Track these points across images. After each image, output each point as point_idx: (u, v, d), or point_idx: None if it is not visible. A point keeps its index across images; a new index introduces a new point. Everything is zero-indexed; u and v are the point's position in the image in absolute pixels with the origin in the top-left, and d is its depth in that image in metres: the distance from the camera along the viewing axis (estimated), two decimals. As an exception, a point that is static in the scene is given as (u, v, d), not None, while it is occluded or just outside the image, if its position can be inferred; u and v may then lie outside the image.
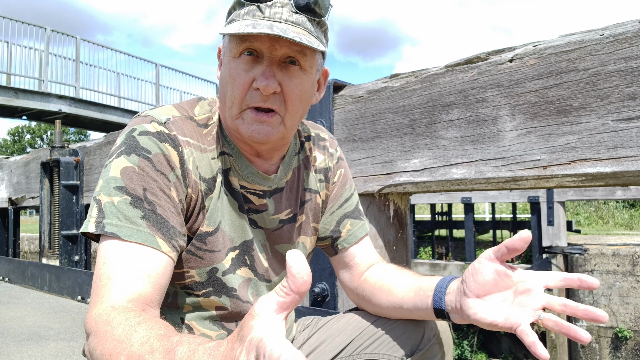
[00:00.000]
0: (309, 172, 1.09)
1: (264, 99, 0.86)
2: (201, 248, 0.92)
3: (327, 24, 0.91)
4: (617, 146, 1.41)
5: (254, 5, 0.85)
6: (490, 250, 0.82)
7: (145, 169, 0.84)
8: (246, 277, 0.99)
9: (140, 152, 0.85)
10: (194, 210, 0.91)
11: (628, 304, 9.07)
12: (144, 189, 0.83)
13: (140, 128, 0.87)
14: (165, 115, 0.91)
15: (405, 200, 2.20)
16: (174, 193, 0.86)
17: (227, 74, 0.89)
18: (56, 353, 2.27)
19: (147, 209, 0.82)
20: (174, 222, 0.85)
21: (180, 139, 0.89)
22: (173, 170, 0.87)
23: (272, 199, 1.01)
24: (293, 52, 0.85)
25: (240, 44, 0.86)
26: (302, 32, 0.84)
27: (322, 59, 0.95)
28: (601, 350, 9.28)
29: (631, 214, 17.90)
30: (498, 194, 10.92)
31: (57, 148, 4.19)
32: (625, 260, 9.12)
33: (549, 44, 1.54)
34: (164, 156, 0.86)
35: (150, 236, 0.80)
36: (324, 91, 1.01)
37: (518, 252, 0.76)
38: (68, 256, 4.00)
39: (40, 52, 12.16)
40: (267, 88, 0.84)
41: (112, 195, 0.82)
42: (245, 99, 0.87)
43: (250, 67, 0.86)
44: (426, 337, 0.97)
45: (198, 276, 0.93)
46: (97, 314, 0.73)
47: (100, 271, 0.79)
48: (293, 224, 1.06)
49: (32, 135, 41.11)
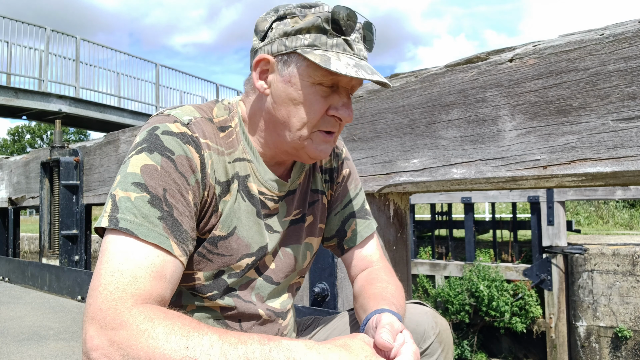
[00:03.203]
0: (316, 173, 1.10)
1: (334, 125, 0.95)
2: (212, 251, 0.92)
3: None
4: (617, 146, 1.41)
5: (342, 39, 0.89)
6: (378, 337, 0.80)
7: (167, 170, 0.83)
8: (251, 278, 1.00)
9: (164, 152, 0.84)
10: (207, 212, 0.91)
11: (628, 304, 9.07)
12: (165, 190, 0.82)
13: (163, 127, 0.87)
14: (188, 116, 0.91)
15: (405, 200, 2.20)
16: (190, 197, 0.85)
17: (299, 97, 0.91)
18: (56, 353, 2.27)
19: (165, 210, 0.81)
20: (187, 226, 0.84)
21: (202, 141, 0.89)
22: (194, 173, 0.87)
23: (284, 202, 1.02)
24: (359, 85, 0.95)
25: (327, 76, 0.89)
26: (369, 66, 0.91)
27: None
28: (601, 350, 9.28)
29: (631, 214, 17.90)
30: (498, 193, 10.92)
31: (57, 148, 4.19)
32: (625, 260, 9.13)
33: (549, 44, 1.54)
34: (187, 159, 0.86)
35: (165, 239, 0.80)
36: None
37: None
38: (68, 256, 4.01)
39: (40, 52, 12.16)
40: (348, 118, 0.94)
41: (129, 190, 0.80)
42: (318, 124, 0.93)
43: (327, 93, 0.92)
44: (426, 336, 0.97)
45: (205, 279, 0.94)
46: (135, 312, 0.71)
47: (118, 267, 0.75)
48: (301, 224, 1.06)
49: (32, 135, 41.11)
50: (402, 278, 2.15)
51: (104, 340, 0.69)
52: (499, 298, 10.37)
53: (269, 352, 0.69)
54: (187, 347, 0.67)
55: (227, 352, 0.68)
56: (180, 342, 0.67)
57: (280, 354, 0.69)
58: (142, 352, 0.67)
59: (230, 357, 0.67)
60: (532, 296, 10.47)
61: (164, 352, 0.66)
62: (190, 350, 0.67)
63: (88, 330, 0.71)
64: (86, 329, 0.71)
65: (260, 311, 1.00)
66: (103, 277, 0.75)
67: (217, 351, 0.67)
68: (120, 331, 0.69)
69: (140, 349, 0.67)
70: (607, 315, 9.26)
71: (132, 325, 0.69)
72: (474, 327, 11.04)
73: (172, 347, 0.67)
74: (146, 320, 0.70)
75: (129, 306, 0.71)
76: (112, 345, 0.68)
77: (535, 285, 10.50)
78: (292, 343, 0.71)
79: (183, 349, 0.67)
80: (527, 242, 12.16)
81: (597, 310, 9.34)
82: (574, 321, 9.75)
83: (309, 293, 2.17)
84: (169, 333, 0.68)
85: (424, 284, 12.14)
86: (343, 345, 0.74)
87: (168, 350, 0.67)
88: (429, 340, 0.98)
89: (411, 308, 1.02)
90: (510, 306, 10.37)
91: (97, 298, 0.73)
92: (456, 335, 10.94)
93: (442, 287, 11.49)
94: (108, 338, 0.69)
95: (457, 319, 10.83)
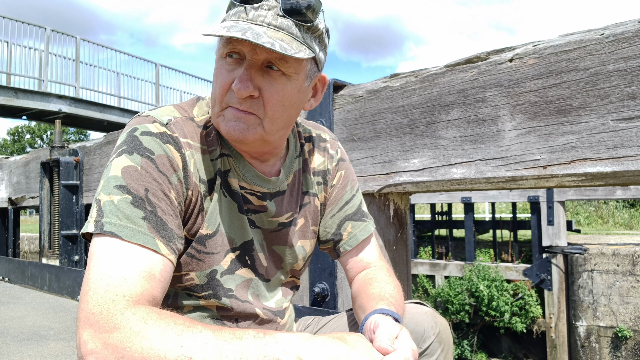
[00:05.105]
0: (307, 175, 1.09)
1: (240, 102, 0.86)
2: (201, 251, 0.92)
3: (321, 29, 0.89)
4: (617, 146, 1.41)
5: (242, 7, 0.85)
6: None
7: (148, 170, 0.83)
8: (247, 278, 0.99)
9: (144, 152, 0.84)
10: (193, 212, 0.91)
11: (628, 304, 9.07)
12: (146, 190, 0.81)
13: (142, 128, 0.87)
14: (167, 116, 0.90)
15: (405, 200, 2.20)
16: (173, 195, 0.85)
17: (214, 72, 0.90)
18: (56, 353, 2.27)
19: (149, 210, 0.81)
20: (172, 225, 0.84)
21: (182, 140, 0.89)
22: (176, 172, 0.86)
23: (273, 202, 1.01)
24: (272, 58, 0.84)
25: (226, 45, 0.86)
26: (283, 37, 0.83)
27: (316, 64, 0.93)
28: (601, 350, 9.28)
29: (631, 214, 17.91)
30: (498, 193, 10.92)
31: (57, 148, 4.19)
32: (625, 260, 9.13)
33: (549, 44, 1.54)
34: (167, 158, 0.85)
35: (150, 238, 0.79)
36: (320, 98, 1.00)
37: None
38: (68, 256, 4.01)
39: (40, 52, 12.16)
40: (240, 91, 0.84)
41: (112, 194, 0.81)
42: (225, 98, 0.88)
43: (233, 68, 0.87)
44: (426, 336, 0.97)
45: (198, 279, 0.93)
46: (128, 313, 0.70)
47: (106, 270, 0.75)
48: (293, 227, 1.05)
49: (32, 135, 41.10)
50: (402, 278, 2.15)
51: (98, 344, 0.69)
52: (499, 298, 10.38)
53: (264, 346, 0.68)
54: (182, 345, 0.67)
55: (222, 349, 0.67)
56: (175, 342, 0.67)
57: (277, 346, 0.68)
58: (137, 354, 0.66)
59: (226, 353, 0.67)
60: (532, 296, 10.48)
61: (159, 353, 0.66)
62: (185, 349, 0.66)
63: (82, 335, 0.70)
64: (80, 333, 0.71)
65: (257, 310, 1.00)
66: (92, 281, 0.74)
67: (212, 348, 0.67)
68: (114, 334, 0.68)
69: (135, 351, 0.67)
70: (607, 315, 9.26)
71: (125, 327, 0.69)
72: (474, 327, 11.04)
73: (166, 347, 0.66)
74: (139, 322, 0.69)
75: (121, 308, 0.71)
76: (106, 349, 0.68)
77: (535, 285, 10.50)
78: (288, 335, 0.71)
79: (178, 348, 0.66)
80: (527, 242, 12.17)
81: (597, 310, 9.34)
82: (574, 321, 9.75)
83: (309, 293, 2.17)
84: (163, 333, 0.68)
85: (424, 284, 12.15)
86: (340, 338, 0.74)
87: (163, 351, 0.66)
88: (428, 340, 0.98)
89: (411, 308, 1.02)
90: (510, 306, 10.37)
91: (89, 302, 0.72)
92: (456, 335, 10.94)
93: (442, 287, 11.49)
94: (102, 341, 0.69)
95: (457, 318, 10.83)
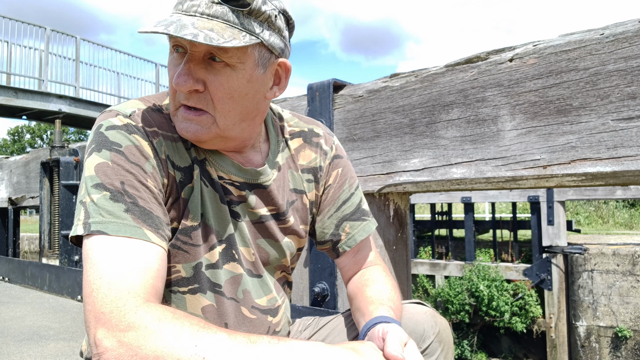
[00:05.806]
0: (294, 171, 1.06)
1: (187, 98, 0.85)
2: (186, 242, 0.91)
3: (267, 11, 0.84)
4: (617, 146, 1.41)
5: None
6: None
7: (119, 163, 0.82)
8: (236, 273, 0.97)
9: (111, 147, 0.83)
10: (170, 199, 0.90)
11: (628, 304, 9.07)
12: (122, 182, 0.81)
13: (106, 123, 0.86)
14: (130, 109, 0.90)
15: (405, 199, 2.20)
16: (151, 183, 0.84)
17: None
18: (56, 353, 2.27)
19: (129, 202, 0.80)
20: (158, 212, 0.83)
21: (148, 129, 0.88)
22: (148, 160, 0.85)
23: (253, 193, 0.99)
24: (212, 49, 0.82)
25: (169, 40, 0.86)
26: (214, 26, 0.80)
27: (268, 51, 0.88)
28: (601, 350, 9.28)
29: (631, 214, 17.91)
30: (498, 193, 10.92)
31: (57, 148, 4.19)
32: (625, 260, 9.13)
33: (549, 44, 1.54)
34: (136, 147, 0.85)
35: (137, 229, 0.79)
36: (285, 86, 0.96)
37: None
38: (68, 256, 4.01)
39: (40, 51, 12.16)
40: (179, 87, 0.83)
41: (91, 193, 0.81)
42: (176, 95, 0.87)
43: (179, 62, 0.85)
44: (426, 336, 0.97)
45: (184, 271, 0.92)
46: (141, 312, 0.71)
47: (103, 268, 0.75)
48: (277, 222, 1.03)
49: (32, 135, 41.10)
50: (402, 278, 2.15)
51: (114, 342, 0.69)
52: (499, 298, 10.38)
53: (278, 353, 0.69)
54: (197, 345, 0.67)
55: (235, 351, 0.68)
56: (190, 341, 0.68)
57: (290, 354, 0.69)
58: (151, 352, 0.67)
59: (239, 356, 0.68)
60: (532, 296, 10.48)
61: (173, 352, 0.67)
62: (199, 348, 0.67)
63: (95, 334, 0.71)
64: (93, 333, 0.71)
65: (243, 309, 0.98)
66: (92, 282, 0.75)
67: (226, 350, 0.68)
68: (129, 332, 0.69)
69: (149, 349, 0.67)
70: (607, 315, 9.26)
71: (140, 326, 0.69)
72: (474, 327, 11.04)
73: (181, 346, 0.67)
74: (154, 321, 0.70)
75: (133, 307, 0.71)
76: (121, 347, 0.69)
77: (535, 285, 10.50)
78: (302, 344, 0.72)
79: (192, 347, 0.67)
80: (527, 242, 12.16)
81: (597, 310, 9.34)
82: (574, 321, 9.75)
83: (309, 293, 2.17)
84: (179, 332, 0.69)
85: (424, 284, 12.15)
86: (353, 349, 0.75)
87: (178, 350, 0.67)
88: (428, 339, 0.98)
89: (411, 308, 1.01)
90: (510, 306, 10.37)
91: (95, 303, 0.72)
92: (456, 335, 10.94)
93: (442, 287, 11.49)
94: (117, 339, 0.69)
95: (457, 318, 10.83)
